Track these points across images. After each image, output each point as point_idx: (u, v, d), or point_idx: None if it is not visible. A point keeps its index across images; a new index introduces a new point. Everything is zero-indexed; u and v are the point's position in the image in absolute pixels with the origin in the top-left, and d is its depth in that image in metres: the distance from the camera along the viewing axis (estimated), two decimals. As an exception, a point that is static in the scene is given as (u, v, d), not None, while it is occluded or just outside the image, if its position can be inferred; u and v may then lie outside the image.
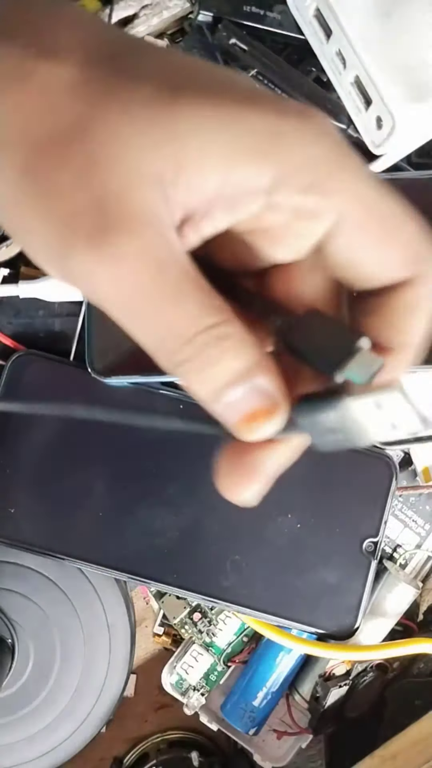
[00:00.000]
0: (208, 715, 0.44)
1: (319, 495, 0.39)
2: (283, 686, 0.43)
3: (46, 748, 0.42)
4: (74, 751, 0.42)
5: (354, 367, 0.19)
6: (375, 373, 0.19)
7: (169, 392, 0.39)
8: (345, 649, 0.39)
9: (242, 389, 0.19)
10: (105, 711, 0.42)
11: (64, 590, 0.41)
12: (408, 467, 0.42)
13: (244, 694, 0.42)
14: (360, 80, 0.36)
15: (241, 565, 0.39)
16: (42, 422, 0.39)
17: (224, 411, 0.20)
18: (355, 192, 0.19)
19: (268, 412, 0.20)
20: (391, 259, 0.20)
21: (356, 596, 0.38)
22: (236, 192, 0.18)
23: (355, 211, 0.19)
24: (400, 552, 0.43)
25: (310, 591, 0.38)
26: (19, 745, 0.42)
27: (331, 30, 0.36)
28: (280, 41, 0.41)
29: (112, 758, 0.46)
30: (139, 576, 0.39)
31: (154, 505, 0.39)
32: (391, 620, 0.41)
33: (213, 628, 0.44)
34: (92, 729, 0.42)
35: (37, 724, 0.42)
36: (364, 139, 0.38)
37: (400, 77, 0.35)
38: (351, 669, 0.43)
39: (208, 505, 0.39)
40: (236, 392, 0.19)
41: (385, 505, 0.39)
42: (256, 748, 0.44)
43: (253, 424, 0.20)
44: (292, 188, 0.18)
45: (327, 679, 0.42)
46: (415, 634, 0.43)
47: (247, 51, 0.40)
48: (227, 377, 0.19)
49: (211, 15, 0.40)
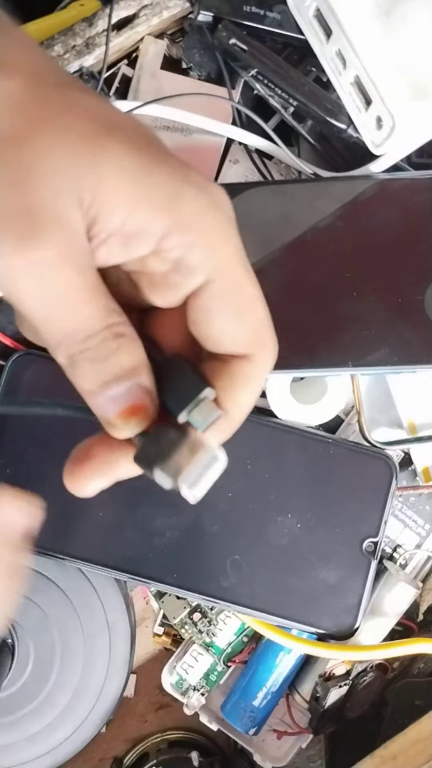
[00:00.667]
0: (208, 715, 0.44)
1: (319, 495, 0.39)
2: (283, 686, 0.43)
3: (46, 748, 0.42)
4: (74, 751, 0.42)
5: (195, 413, 0.22)
6: (212, 422, 0.22)
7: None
8: (345, 649, 0.39)
9: (127, 385, 0.22)
10: (105, 711, 0.42)
11: (64, 590, 0.41)
12: (408, 467, 0.42)
13: (244, 694, 0.42)
14: (360, 80, 0.36)
15: (241, 565, 0.39)
16: (42, 422, 0.39)
17: (105, 403, 0.22)
18: (227, 265, 0.22)
19: (144, 411, 0.22)
20: (238, 334, 0.23)
21: (356, 596, 0.38)
22: (133, 232, 0.21)
23: (222, 282, 0.22)
24: (400, 552, 0.43)
25: (310, 591, 0.38)
26: (19, 745, 0.42)
27: (331, 30, 0.36)
28: (280, 41, 0.41)
29: (112, 758, 0.46)
30: (139, 576, 0.39)
31: (154, 505, 0.39)
32: (391, 620, 0.41)
33: (213, 628, 0.44)
34: (92, 729, 0.42)
35: (37, 724, 0.42)
36: (364, 139, 0.38)
37: (400, 77, 0.35)
38: (351, 669, 0.43)
39: (208, 505, 0.39)
40: (121, 387, 0.22)
41: (385, 505, 0.39)
42: (256, 748, 0.44)
43: (130, 419, 0.22)
44: (177, 243, 0.21)
45: (327, 679, 0.42)
46: (415, 634, 0.43)
47: (247, 51, 0.40)
48: (117, 371, 0.21)
49: (211, 15, 0.40)
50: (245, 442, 0.39)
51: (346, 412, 0.42)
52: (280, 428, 0.39)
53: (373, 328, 0.37)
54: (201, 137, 0.42)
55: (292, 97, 0.40)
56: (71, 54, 0.41)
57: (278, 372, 0.37)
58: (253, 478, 0.39)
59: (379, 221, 0.38)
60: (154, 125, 0.42)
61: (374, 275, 0.37)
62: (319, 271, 0.38)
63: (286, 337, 0.37)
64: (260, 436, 0.39)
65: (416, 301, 0.37)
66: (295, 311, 0.37)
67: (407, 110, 0.35)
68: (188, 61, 0.43)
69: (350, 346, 0.37)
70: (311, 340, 0.37)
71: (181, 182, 0.21)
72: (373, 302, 0.37)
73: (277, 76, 0.40)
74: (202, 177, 0.22)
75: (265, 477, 0.39)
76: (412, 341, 0.37)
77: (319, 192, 0.39)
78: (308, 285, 0.37)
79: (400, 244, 0.38)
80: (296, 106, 0.40)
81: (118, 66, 0.44)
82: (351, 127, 0.39)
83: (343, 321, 0.37)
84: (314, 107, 0.39)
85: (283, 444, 0.39)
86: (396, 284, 0.37)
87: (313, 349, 0.37)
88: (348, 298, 0.37)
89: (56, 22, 0.42)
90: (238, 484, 0.39)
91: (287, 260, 0.38)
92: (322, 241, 0.38)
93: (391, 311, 0.37)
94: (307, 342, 0.37)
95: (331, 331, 0.37)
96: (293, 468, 0.39)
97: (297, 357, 0.37)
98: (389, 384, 0.40)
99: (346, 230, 0.38)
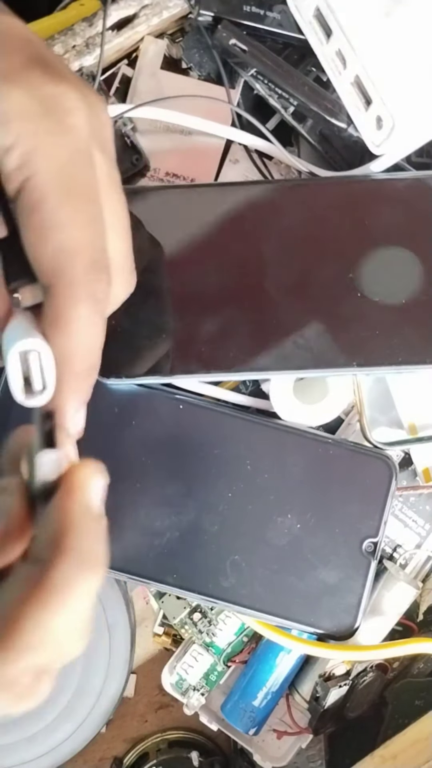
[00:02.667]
0: (208, 715, 0.44)
1: (318, 495, 0.39)
2: (283, 686, 0.43)
3: (46, 748, 0.42)
4: (74, 751, 0.42)
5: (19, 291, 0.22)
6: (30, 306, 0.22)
7: (169, 392, 0.39)
8: (345, 649, 0.39)
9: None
10: (105, 711, 0.42)
11: (64, 590, 0.41)
12: (408, 467, 0.42)
13: (244, 694, 0.42)
14: (360, 80, 0.36)
15: (241, 565, 0.39)
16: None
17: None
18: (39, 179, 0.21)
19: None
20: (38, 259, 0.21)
21: (356, 596, 0.38)
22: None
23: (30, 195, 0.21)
24: (400, 552, 0.43)
25: (310, 591, 0.38)
26: (19, 745, 0.42)
27: (331, 30, 0.36)
28: (280, 41, 0.41)
29: (112, 758, 0.46)
30: (139, 576, 0.39)
31: (154, 505, 0.39)
32: (391, 620, 0.41)
33: (213, 628, 0.44)
34: (92, 729, 0.42)
35: (37, 724, 0.42)
36: (364, 139, 0.38)
37: (400, 77, 0.35)
38: (351, 669, 0.43)
39: (208, 505, 0.39)
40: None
41: (384, 505, 0.38)
42: (256, 748, 0.44)
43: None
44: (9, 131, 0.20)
45: (327, 679, 0.42)
46: (415, 634, 0.43)
47: (247, 51, 0.40)
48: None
49: (211, 15, 0.40)
50: (245, 442, 0.39)
51: (346, 413, 0.42)
52: (280, 428, 0.39)
53: (377, 328, 0.37)
54: (201, 138, 0.42)
55: (292, 97, 0.40)
56: (71, 54, 0.41)
57: (282, 372, 0.37)
58: (253, 479, 0.39)
59: (379, 221, 0.38)
60: (153, 126, 0.42)
61: (375, 275, 0.37)
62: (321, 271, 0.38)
63: (290, 337, 0.38)
64: (260, 436, 0.39)
65: (418, 301, 0.37)
66: (297, 312, 0.37)
67: (407, 110, 0.35)
68: (188, 61, 0.43)
69: (354, 346, 0.37)
70: (315, 341, 0.37)
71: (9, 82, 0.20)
72: (376, 302, 0.37)
73: (277, 75, 0.40)
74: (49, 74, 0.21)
75: (265, 477, 0.39)
76: (414, 341, 0.37)
77: (319, 192, 0.38)
78: (310, 285, 0.37)
79: (400, 244, 0.38)
80: (296, 105, 0.40)
81: (118, 66, 0.44)
82: (351, 126, 0.39)
83: (347, 322, 0.37)
84: (314, 107, 0.39)
85: (283, 444, 0.39)
86: (397, 283, 0.37)
87: (317, 350, 0.37)
88: (352, 298, 0.37)
89: (56, 22, 0.42)
90: (238, 484, 0.39)
91: (288, 260, 0.38)
92: (322, 241, 0.38)
93: (394, 311, 0.37)
94: (311, 343, 0.37)
95: (335, 331, 0.37)
96: (293, 468, 0.39)
97: (301, 358, 0.37)
98: (389, 384, 0.40)
99: (346, 230, 0.38)
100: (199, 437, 0.39)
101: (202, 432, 0.39)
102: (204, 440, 0.39)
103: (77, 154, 0.21)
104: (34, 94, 0.21)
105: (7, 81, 0.20)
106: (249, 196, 0.38)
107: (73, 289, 0.21)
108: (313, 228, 0.38)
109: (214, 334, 0.37)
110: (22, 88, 0.21)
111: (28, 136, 0.21)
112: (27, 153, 0.21)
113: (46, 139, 0.21)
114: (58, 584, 0.18)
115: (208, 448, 0.39)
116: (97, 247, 0.22)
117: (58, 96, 0.21)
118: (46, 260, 0.21)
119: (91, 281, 0.22)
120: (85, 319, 0.22)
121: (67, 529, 0.19)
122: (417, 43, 0.36)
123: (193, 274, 0.37)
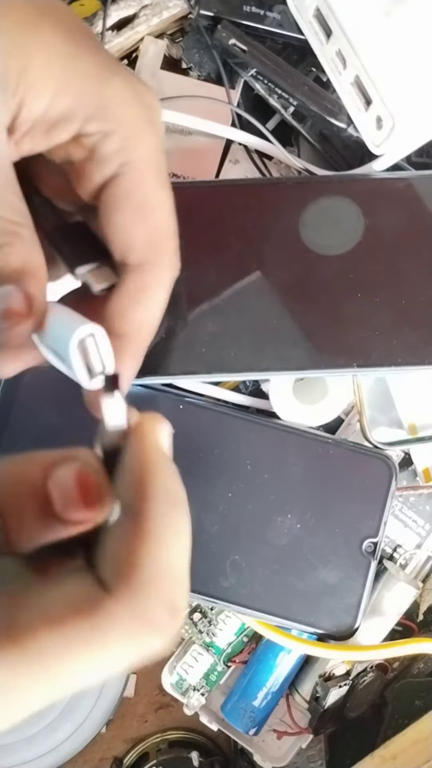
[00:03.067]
0: (208, 715, 0.44)
1: (318, 495, 0.39)
2: (283, 686, 0.43)
3: (46, 748, 0.42)
4: (74, 751, 0.43)
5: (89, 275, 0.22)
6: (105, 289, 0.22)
7: (171, 392, 0.39)
8: (345, 649, 0.39)
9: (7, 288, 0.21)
10: (105, 711, 0.42)
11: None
12: (408, 467, 0.42)
13: (244, 694, 0.42)
14: (360, 80, 0.36)
15: (241, 565, 0.39)
16: (41, 421, 0.39)
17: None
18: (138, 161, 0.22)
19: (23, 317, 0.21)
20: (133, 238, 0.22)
21: (356, 596, 0.38)
22: (57, 117, 0.21)
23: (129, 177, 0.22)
24: (400, 552, 0.43)
25: (310, 591, 0.38)
26: (19, 745, 0.42)
27: (331, 30, 0.36)
28: (280, 41, 0.41)
29: (112, 758, 0.46)
30: (139, 576, 0.39)
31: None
32: (391, 620, 0.41)
33: (213, 628, 0.44)
34: (92, 729, 0.43)
35: (37, 724, 0.42)
36: (364, 139, 0.38)
37: (400, 77, 0.35)
38: (351, 669, 0.43)
39: (208, 505, 0.39)
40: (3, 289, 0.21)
41: (384, 506, 0.38)
42: (256, 748, 0.44)
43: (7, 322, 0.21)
44: (96, 129, 0.21)
45: (327, 679, 0.42)
46: (415, 634, 0.43)
47: (247, 51, 0.40)
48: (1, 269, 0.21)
49: (211, 15, 0.40)
50: (245, 442, 0.39)
51: (346, 413, 0.42)
52: (280, 428, 0.39)
53: (378, 329, 0.37)
54: (201, 138, 0.42)
55: (292, 97, 0.40)
56: (71, 54, 0.41)
57: (282, 373, 0.37)
58: (253, 479, 0.39)
59: (379, 221, 0.38)
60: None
61: (376, 276, 0.37)
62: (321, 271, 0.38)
63: (290, 338, 0.38)
64: (260, 436, 0.39)
65: (418, 302, 0.37)
66: (298, 312, 0.37)
67: (407, 110, 0.35)
68: (188, 61, 0.43)
69: (354, 347, 0.37)
70: (316, 342, 0.37)
71: (110, 72, 0.22)
72: (377, 303, 0.37)
73: (277, 75, 0.40)
74: (132, 74, 0.23)
75: (265, 477, 0.39)
76: (414, 342, 0.37)
77: (319, 191, 0.38)
78: (310, 285, 0.37)
79: (400, 244, 0.38)
80: (296, 105, 0.40)
81: (118, 66, 0.44)
82: (351, 126, 0.39)
83: (348, 322, 0.37)
84: (314, 107, 0.39)
85: (283, 444, 0.39)
86: (398, 284, 0.37)
87: (317, 350, 0.37)
88: (352, 299, 0.37)
89: (56, 22, 0.42)
90: (238, 484, 0.39)
91: (288, 260, 0.38)
92: (323, 241, 0.38)
93: (395, 312, 0.37)
94: (312, 343, 0.37)
95: (336, 332, 0.37)
96: (293, 468, 0.39)
97: (301, 358, 0.37)
98: (389, 384, 0.40)
99: (347, 230, 0.38)
100: (199, 437, 0.39)
101: (202, 432, 0.39)
102: (204, 440, 0.39)
103: (161, 144, 0.23)
104: (131, 85, 0.22)
105: (107, 70, 0.22)
106: (249, 194, 0.38)
107: (165, 265, 0.23)
108: (313, 227, 0.38)
109: (214, 334, 0.37)
110: (122, 77, 0.22)
111: (129, 122, 0.22)
112: (128, 138, 0.22)
113: (144, 128, 0.22)
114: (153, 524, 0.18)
115: (208, 448, 0.39)
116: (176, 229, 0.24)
117: (146, 92, 0.23)
118: (144, 238, 0.22)
119: (175, 260, 0.23)
120: (167, 293, 0.23)
121: (147, 473, 0.20)
122: (417, 43, 0.36)
123: (193, 274, 0.37)
